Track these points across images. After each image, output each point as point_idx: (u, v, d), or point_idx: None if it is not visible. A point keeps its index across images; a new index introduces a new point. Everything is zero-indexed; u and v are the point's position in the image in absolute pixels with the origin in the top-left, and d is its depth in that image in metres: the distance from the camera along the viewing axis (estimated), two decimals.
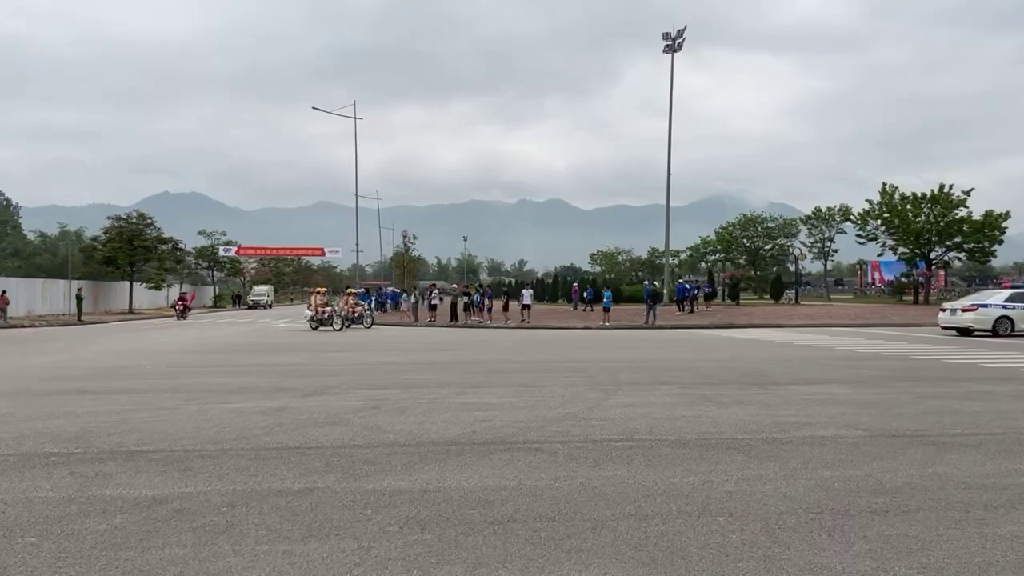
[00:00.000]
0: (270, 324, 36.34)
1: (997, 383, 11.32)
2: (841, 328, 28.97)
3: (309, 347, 20.35)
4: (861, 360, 15.32)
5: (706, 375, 12.56)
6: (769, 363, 14.74)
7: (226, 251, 65.07)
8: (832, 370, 13.28)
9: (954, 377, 12.14)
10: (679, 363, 14.83)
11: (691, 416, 8.28)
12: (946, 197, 48.45)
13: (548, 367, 14.19)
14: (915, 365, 14.24)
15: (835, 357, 16.09)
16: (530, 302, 34.69)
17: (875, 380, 11.70)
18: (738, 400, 9.52)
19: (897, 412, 8.59)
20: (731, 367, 13.90)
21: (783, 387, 10.94)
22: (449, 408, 8.86)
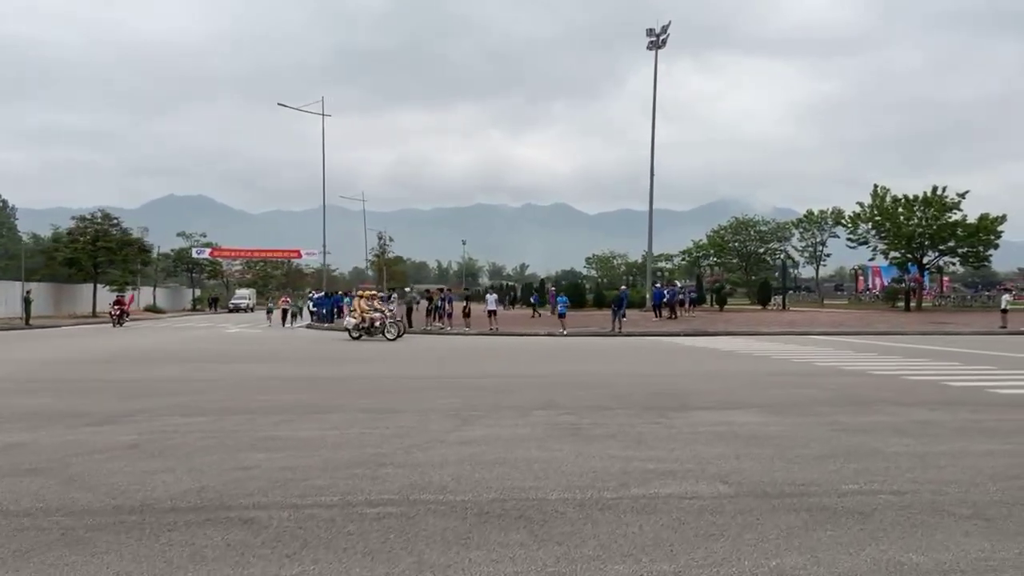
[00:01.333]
0: (222, 328, 34.65)
1: (949, 409, 9.48)
2: (818, 336, 27.13)
3: (205, 357, 18.59)
4: (809, 376, 13.49)
5: (616, 394, 10.76)
6: (700, 379, 12.93)
7: (199, 252, 63.45)
8: (763, 389, 11.45)
9: (902, 400, 10.30)
10: (600, 378, 13.02)
11: (530, 458, 6.48)
12: (939, 200, 46.50)
13: (441, 384, 12.38)
14: (866, 383, 12.39)
15: (780, 372, 14.24)
16: (495, 307, 32.88)
17: (803, 404, 9.87)
18: (616, 432, 7.73)
19: (796, 453, 6.77)
20: (652, 384, 12.08)
21: (687, 413, 9.14)
22: (237, 446, 7.06)
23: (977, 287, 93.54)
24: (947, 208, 46.48)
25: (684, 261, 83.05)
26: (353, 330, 25.62)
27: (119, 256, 49.06)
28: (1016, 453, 6.81)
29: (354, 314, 25.89)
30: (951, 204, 46.40)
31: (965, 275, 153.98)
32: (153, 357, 18.03)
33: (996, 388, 11.65)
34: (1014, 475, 5.97)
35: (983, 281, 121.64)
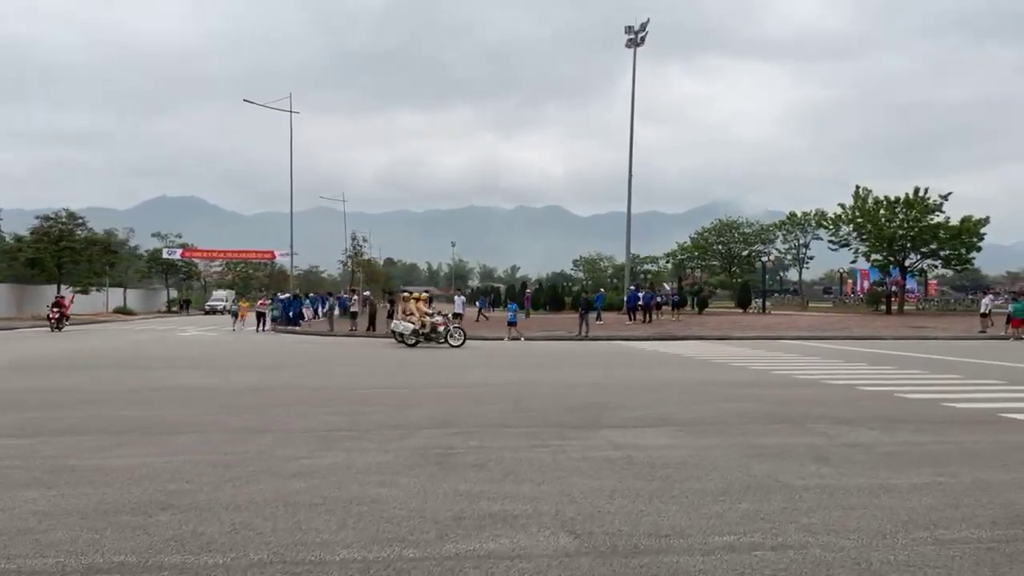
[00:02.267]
0: (179, 331, 33.43)
1: (890, 428, 8.41)
2: (791, 341, 26.15)
3: (121, 363, 17.42)
4: (756, 387, 12.40)
5: (528, 409, 9.66)
6: (634, 390, 11.82)
7: (170, 253, 62.02)
8: (696, 402, 10.36)
9: (843, 416, 9.21)
10: (527, 389, 11.89)
11: (359, 498, 5.38)
12: (922, 201, 45.56)
13: (349, 396, 11.22)
14: (812, 396, 11.31)
15: (728, 382, 13.14)
16: (461, 310, 31.74)
17: (730, 422, 8.77)
18: (489, 460, 6.62)
19: (685, 488, 5.67)
20: (578, 396, 10.97)
21: (592, 432, 8.04)
22: (10, 482, 5.92)
23: (966, 290, 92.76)
24: (929, 210, 45.55)
25: (669, 263, 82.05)
26: (409, 336, 23.14)
27: (83, 256, 47.73)
28: (945, 489, 5.73)
29: (410, 318, 23.47)
30: (933, 206, 45.47)
31: (954, 278, 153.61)
32: (58, 364, 16.76)
33: (952, 402, 10.59)
34: (932, 522, 4.88)
35: (972, 284, 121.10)
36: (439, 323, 23.12)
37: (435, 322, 23.11)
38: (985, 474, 6.21)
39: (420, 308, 23.53)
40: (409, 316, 23.71)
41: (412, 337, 23.21)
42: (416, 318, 23.46)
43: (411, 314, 23.72)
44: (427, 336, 22.91)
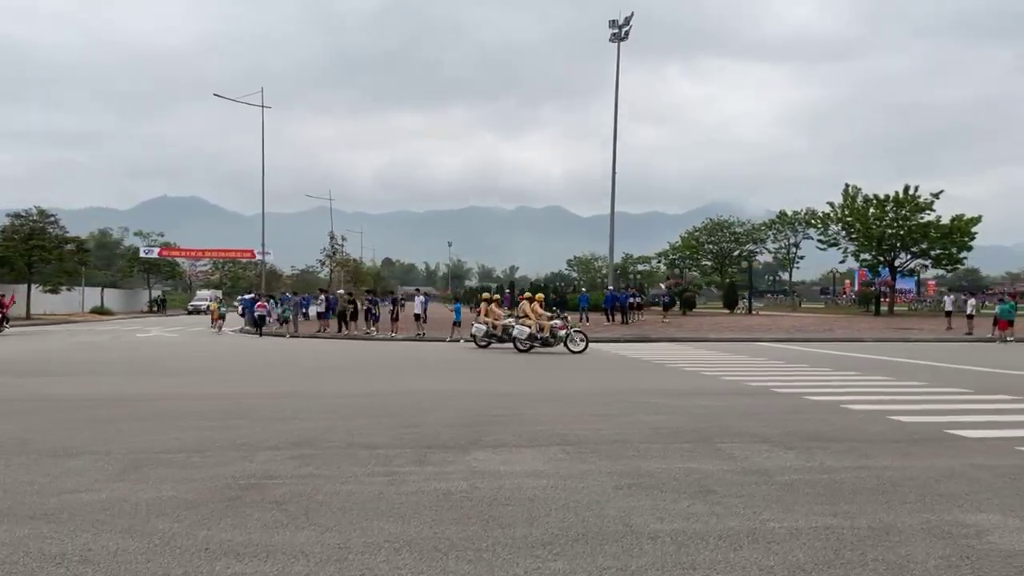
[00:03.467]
0: (140, 333, 32.33)
1: (808, 449, 7.28)
2: (767, 343, 25.06)
3: (37, 370, 16.30)
4: (692, 396, 11.24)
5: (411, 423, 8.52)
6: (550, 401, 10.64)
7: (147, 252, 60.82)
8: (614, 415, 9.21)
9: (764, 434, 8.07)
10: (432, 400, 10.74)
11: (58, 554, 4.23)
12: (912, 199, 44.33)
13: (238, 408, 10.07)
14: (747, 407, 10.15)
15: (663, 391, 11.96)
16: (421, 311, 30.47)
17: (628, 440, 7.63)
18: (294, 497, 5.49)
19: (503, 536, 4.53)
20: (480, 408, 9.83)
21: (468, 452, 6.93)
22: None
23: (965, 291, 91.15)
24: (920, 208, 44.34)
25: (661, 263, 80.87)
26: (481, 338, 22.11)
27: (53, 255, 46.61)
28: (830, 536, 4.58)
29: (482, 319, 22.43)
30: (924, 204, 44.25)
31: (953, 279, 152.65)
32: None
33: (901, 414, 9.45)
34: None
35: (971, 285, 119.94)
36: (558, 326, 20.79)
37: (554, 325, 20.77)
38: (891, 515, 5.07)
39: (537, 310, 21.25)
40: (481, 317, 22.64)
41: (484, 339, 22.10)
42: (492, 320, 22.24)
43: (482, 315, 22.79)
44: (544, 341, 20.66)
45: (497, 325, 22.24)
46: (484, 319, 22.61)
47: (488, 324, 22.36)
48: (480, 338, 22.28)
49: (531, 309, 21.35)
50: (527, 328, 20.76)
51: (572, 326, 21.52)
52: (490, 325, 22.32)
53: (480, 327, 22.28)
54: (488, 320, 22.54)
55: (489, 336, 22.14)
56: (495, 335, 22.10)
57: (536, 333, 20.70)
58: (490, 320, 22.49)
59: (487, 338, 22.18)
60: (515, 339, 20.94)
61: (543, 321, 21.02)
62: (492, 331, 22.14)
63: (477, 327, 22.36)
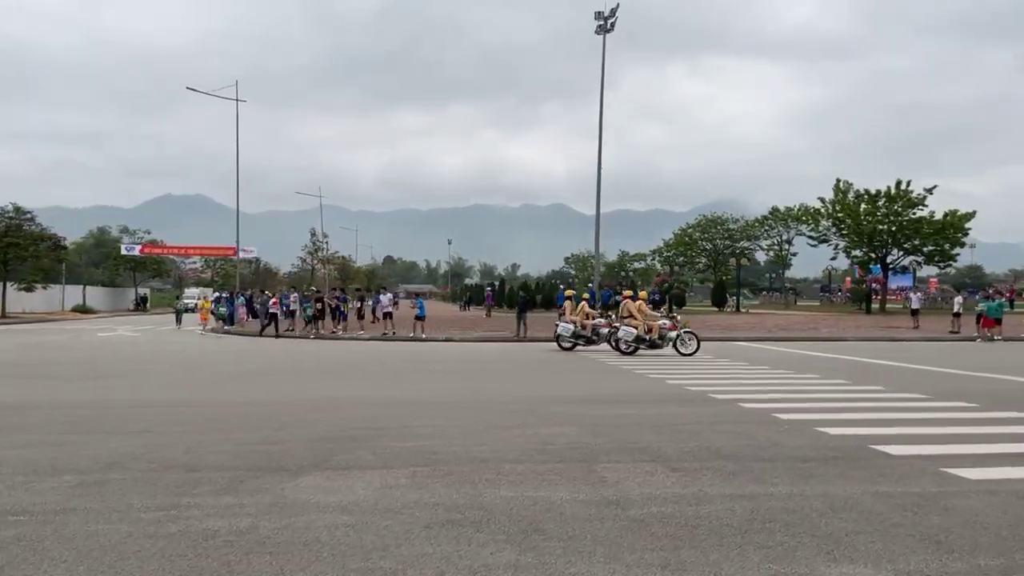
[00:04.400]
0: (103, 332, 31.46)
1: (701, 471, 6.32)
2: (742, 343, 24.16)
3: None
4: (614, 404, 10.26)
5: (273, 439, 7.58)
6: (453, 408, 9.67)
7: (128, 249, 59.95)
8: (509, 426, 8.24)
9: (663, 451, 7.12)
10: (309, 408, 9.80)
11: None
12: (904, 195, 43.15)
13: (92, 420, 9.14)
14: (669, 416, 9.18)
15: (583, 398, 10.97)
16: (391, 309, 29.52)
17: (504, 458, 6.66)
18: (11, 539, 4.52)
19: None
20: (363, 416, 8.89)
21: (297, 477, 5.97)
22: None
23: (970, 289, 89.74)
24: (912, 204, 43.17)
25: (655, 261, 79.76)
26: (568, 338, 20.49)
27: (29, 253, 45.81)
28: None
29: (566, 317, 20.90)
30: (916, 200, 43.08)
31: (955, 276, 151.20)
32: None
33: (833, 425, 8.46)
34: None
35: (974, 282, 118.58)
36: (667, 327, 19.27)
37: (662, 326, 19.24)
38: (731, 568, 4.09)
39: (643, 309, 19.63)
40: (565, 316, 21.01)
41: (568, 340, 20.54)
42: (580, 319, 20.67)
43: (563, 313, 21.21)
44: (652, 343, 19.09)
45: (587, 325, 20.62)
46: (571, 318, 20.84)
47: (576, 323, 20.66)
48: (566, 339, 20.51)
49: (637, 308, 19.57)
50: (633, 329, 19.11)
51: (682, 326, 19.88)
52: (578, 325, 20.63)
53: (567, 326, 20.53)
54: (576, 319, 20.80)
55: (576, 337, 20.51)
56: (584, 335, 20.51)
57: (643, 334, 19.14)
58: (578, 319, 20.79)
59: (573, 339, 20.49)
60: (620, 340, 19.22)
61: (651, 322, 19.39)
62: (580, 331, 20.54)
63: (564, 327, 20.61)
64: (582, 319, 20.87)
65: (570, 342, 20.58)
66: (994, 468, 6.47)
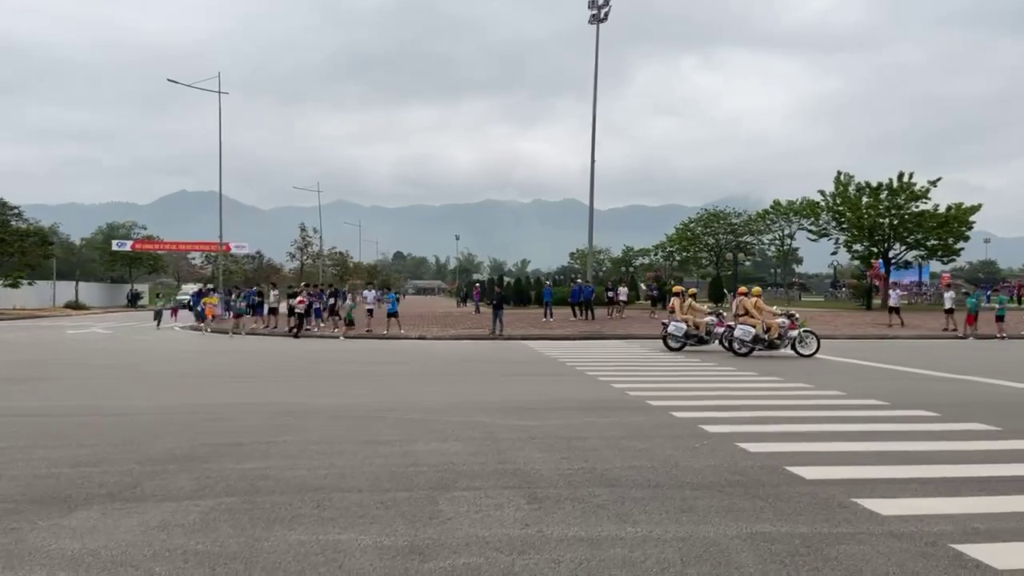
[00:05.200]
0: (75, 330, 30.72)
1: (573, 501, 5.30)
2: None
3: None
4: (543, 412, 9.24)
5: (118, 457, 6.62)
6: (330, 420, 8.67)
7: (120, 245, 59.41)
8: (397, 440, 7.27)
9: (536, 478, 6.14)
10: (203, 415, 8.85)
11: None
12: (906, 187, 41.73)
13: None
14: (589, 427, 8.17)
15: (511, 407, 9.95)
16: (374, 305, 28.66)
17: (344, 482, 5.68)
18: None
19: None
20: (225, 428, 7.91)
21: (82, 510, 4.98)
22: None
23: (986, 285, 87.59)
24: (916, 197, 41.75)
25: (658, 256, 78.55)
26: (680, 338, 19.11)
27: (15, 248, 45.29)
28: None
29: (677, 316, 19.56)
30: (919, 193, 41.64)
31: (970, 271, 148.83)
32: None
33: (755, 441, 7.44)
34: None
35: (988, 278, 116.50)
36: (787, 326, 17.89)
37: (782, 325, 17.84)
38: None
39: (761, 307, 18.27)
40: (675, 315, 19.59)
41: (676, 341, 19.21)
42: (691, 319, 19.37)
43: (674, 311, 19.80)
44: (770, 343, 17.78)
45: (700, 324, 19.35)
46: (683, 317, 19.49)
47: (689, 323, 19.34)
48: (677, 338, 19.16)
49: (754, 305, 18.19)
50: (751, 328, 17.74)
51: (802, 325, 18.63)
52: (691, 324, 19.35)
53: (679, 326, 19.14)
54: (688, 318, 19.48)
55: (687, 336, 19.21)
56: (695, 335, 19.27)
57: (761, 334, 17.76)
58: (690, 318, 19.51)
59: (684, 339, 19.19)
60: (736, 340, 17.90)
61: (770, 320, 17.98)
62: (693, 330, 19.27)
63: (676, 326, 19.19)
64: (694, 318, 19.60)
65: (680, 342, 19.25)
66: (918, 499, 5.44)
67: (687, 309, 19.92)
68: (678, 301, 20.14)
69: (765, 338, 17.73)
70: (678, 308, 19.93)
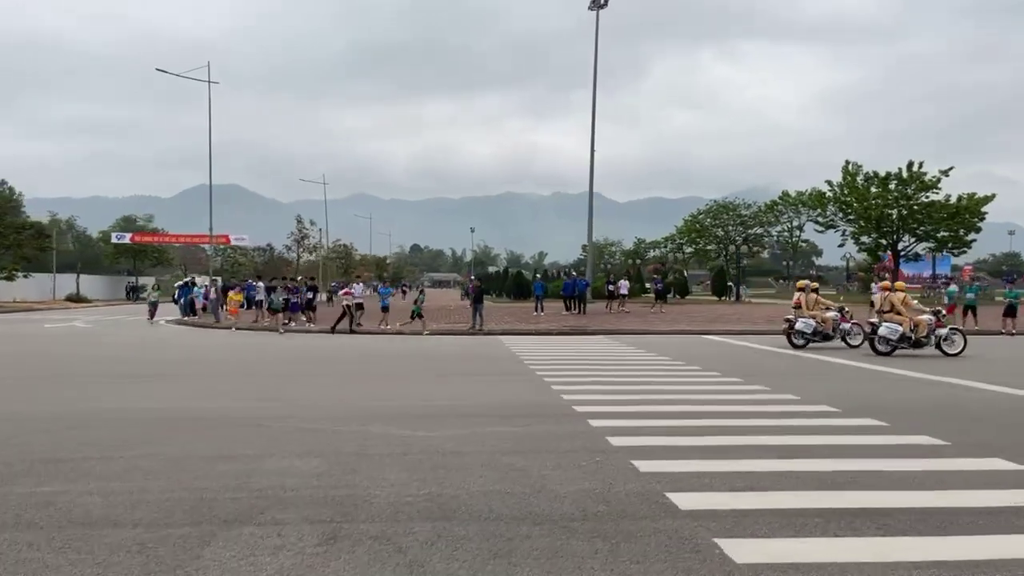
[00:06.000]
0: (59, 323, 30.29)
1: (348, 549, 4.41)
2: (714, 336, 22.42)
3: None
4: (444, 421, 8.37)
5: None
6: (190, 428, 7.84)
7: (119, 237, 59.12)
8: (247, 456, 6.43)
9: (348, 508, 5.25)
10: (94, 419, 8.07)
11: None
12: (917, 177, 40.24)
13: None
14: (481, 442, 7.28)
15: (418, 413, 9.09)
16: (362, 300, 27.76)
17: (127, 516, 4.84)
18: None
19: None
20: (98, 439, 7.11)
21: None
22: None
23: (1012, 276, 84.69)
24: (926, 187, 40.25)
25: (667, 249, 77.18)
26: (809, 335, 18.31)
27: (10, 242, 45.09)
28: None
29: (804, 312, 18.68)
30: (930, 183, 40.13)
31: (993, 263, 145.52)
32: None
33: (658, 459, 6.53)
34: None
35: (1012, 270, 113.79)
36: (935, 323, 16.91)
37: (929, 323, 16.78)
38: None
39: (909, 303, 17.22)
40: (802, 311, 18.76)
41: (800, 337, 18.33)
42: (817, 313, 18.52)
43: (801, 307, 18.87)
44: (916, 342, 16.69)
45: (826, 320, 18.48)
46: (811, 313, 18.64)
47: (817, 319, 18.50)
48: (806, 335, 18.30)
49: (901, 301, 17.11)
50: (899, 327, 16.71)
51: (948, 322, 17.77)
52: (818, 320, 18.50)
53: (808, 323, 18.33)
54: (816, 314, 18.65)
55: (815, 334, 18.34)
56: (822, 332, 18.41)
57: (908, 332, 16.72)
58: (817, 314, 18.66)
59: (811, 336, 18.30)
60: (881, 339, 16.88)
61: (917, 317, 16.94)
62: (821, 327, 18.44)
63: (804, 322, 18.38)
64: (821, 313, 18.70)
65: (805, 339, 18.38)
66: (789, 541, 4.51)
67: (813, 304, 19.04)
68: (803, 296, 19.21)
69: (911, 336, 16.68)
70: (804, 304, 19.03)
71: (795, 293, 19.96)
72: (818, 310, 18.80)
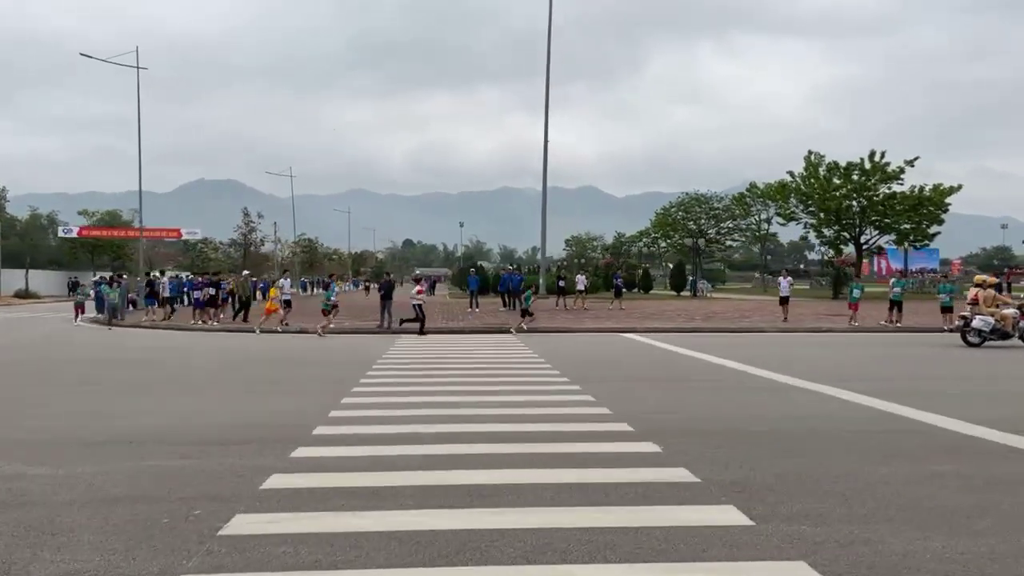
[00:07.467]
0: None
1: None
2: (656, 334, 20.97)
3: None
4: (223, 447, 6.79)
5: None
6: None
7: (66, 231, 57.34)
8: None
9: None
10: None
11: None
12: (880, 168, 38.61)
13: None
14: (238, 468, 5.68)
15: (210, 427, 7.51)
16: (289, 296, 26.11)
17: None
18: None
19: None
20: None
21: None
22: None
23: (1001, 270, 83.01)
24: (889, 177, 38.66)
25: (642, 244, 75.68)
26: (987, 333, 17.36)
27: None
28: None
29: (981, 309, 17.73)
30: (892, 174, 38.54)
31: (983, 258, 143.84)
32: None
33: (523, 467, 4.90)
34: None
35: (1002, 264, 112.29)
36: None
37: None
38: None
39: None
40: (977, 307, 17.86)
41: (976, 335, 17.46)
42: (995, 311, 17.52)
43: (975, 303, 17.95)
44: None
45: (1006, 317, 17.35)
46: (989, 310, 17.65)
47: (996, 316, 17.44)
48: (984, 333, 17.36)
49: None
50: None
51: None
52: (996, 318, 17.42)
53: (987, 320, 17.37)
54: (995, 311, 17.59)
55: (993, 331, 17.36)
56: (1000, 330, 17.34)
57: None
58: (996, 312, 17.60)
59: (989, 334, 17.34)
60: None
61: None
62: (999, 325, 17.38)
63: (982, 320, 17.44)
64: (1000, 311, 17.59)
65: (982, 337, 17.43)
66: None
67: (991, 301, 17.93)
68: (981, 292, 18.10)
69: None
70: (982, 300, 17.96)
71: (971, 288, 18.69)
72: (994, 306, 17.75)
